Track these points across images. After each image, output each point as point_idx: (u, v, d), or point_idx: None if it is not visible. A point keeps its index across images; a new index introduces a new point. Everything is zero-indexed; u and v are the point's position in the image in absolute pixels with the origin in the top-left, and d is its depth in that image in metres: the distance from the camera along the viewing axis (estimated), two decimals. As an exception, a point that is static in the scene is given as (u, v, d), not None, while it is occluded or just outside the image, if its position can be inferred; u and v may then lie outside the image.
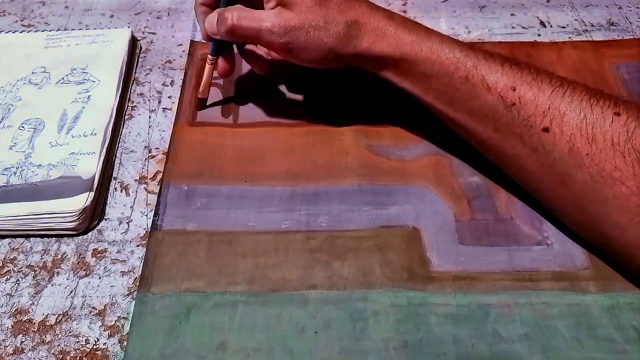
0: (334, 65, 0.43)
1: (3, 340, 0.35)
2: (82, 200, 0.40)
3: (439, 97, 0.41)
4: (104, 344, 0.35)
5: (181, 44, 0.55)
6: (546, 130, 0.36)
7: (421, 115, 0.45)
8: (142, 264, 0.39)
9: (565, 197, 0.37)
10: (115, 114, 0.47)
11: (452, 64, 0.39)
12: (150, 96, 0.50)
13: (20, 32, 0.56)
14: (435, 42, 0.40)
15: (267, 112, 0.49)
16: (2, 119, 0.46)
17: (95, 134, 0.45)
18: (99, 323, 0.36)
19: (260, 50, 0.48)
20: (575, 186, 0.36)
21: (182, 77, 0.52)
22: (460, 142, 0.43)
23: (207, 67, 0.47)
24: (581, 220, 0.37)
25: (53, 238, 0.40)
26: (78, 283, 0.38)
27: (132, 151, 0.46)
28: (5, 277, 0.38)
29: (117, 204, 0.42)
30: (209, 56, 0.47)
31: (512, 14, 0.58)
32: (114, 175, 0.44)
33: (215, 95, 0.50)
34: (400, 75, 0.42)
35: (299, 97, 0.50)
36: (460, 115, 0.40)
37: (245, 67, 0.53)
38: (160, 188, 0.43)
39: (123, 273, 0.38)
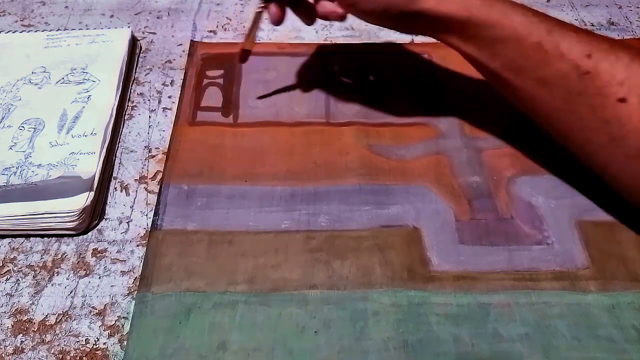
0: (394, 24, 0.41)
1: (3, 340, 0.35)
2: (82, 200, 0.40)
3: (508, 64, 0.38)
4: (104, 343, 0.35)
5: (181, 44, 0.55)
6: (623, 100, 0.35)
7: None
8: (142, 264, 0.39)
9: (636, 171, 0.36)
10: (115, 114, 0.47)
11: (525, 28, 0.37)
12: (150, 96, 0.50)
13: (20, 32, 0.56)
14: (507, 5, 0.38)
15: (267, 112, 0.49)
16: (2, 119, 0.46)
17: (95, 133, 0.45)
18: (99, 323, 0.36)
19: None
20: None
21: (182, 77, 0.52)
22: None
23: (256, 13, 0.44)
24: None
25: (53, 238, 0.40)
26: (78, 283, 0.38)
27: (132, 151, 0.46)
28: (5, 277, 0.38)
29: (117, 204, 0.42)
30: (259, 1, 0.44)
31: (512, 14, 0.58)
32: (114, 175, 0.44)
33: (215, 95, 0.50)
34: (466, 39, 0.39)
35: (300, 96, 0.50)
36: (529, 84, 0.38)
37: (245, 67, 0.53)
38: (160, 188, 0.43)
39: (123, 273, 0.38)
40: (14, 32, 0.55)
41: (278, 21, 0.45)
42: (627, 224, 0.40)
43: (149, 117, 0.49)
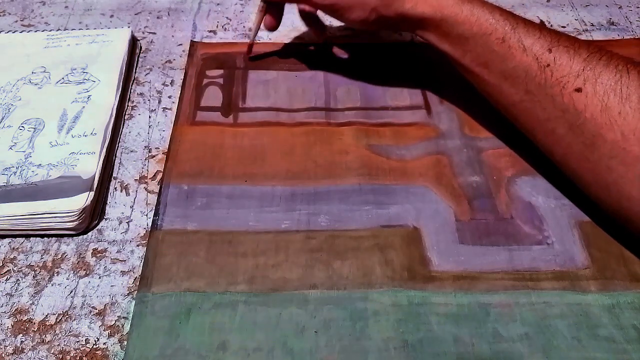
0: (377, 26, 0.45)
1: (3, 340, 0.35)
2: (82, 200, 0.40)
3: (475, 59, 0.42)
4: (104, 343, 0.35)
5: (181, 44, 0.55)
6: (578, 90, 0.37)
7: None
8: (142, 264, 0.39)
9: (593, 159, 0.37)
10: (115, 114, 0.47)
11: (490, 25, 0.40)
12: (150, 96, 0.50)
13: (20, 32, 0.56)
14: (476, 5, 0.41)
15: (267, 112, 0.49)
16: (2, 119, 0.46)
17: (95, 133, 0.45)
18: (99, 323, 0.36)
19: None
20: (605, 146, 0.36)
21: (182, 77, 0.52)
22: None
23: (258, 13, 0.51)
24: (608, 184, 0.37)
25: (53, 238, 0.40)
26: (78, 283, 0.38)
27: (132, 151, 0.46)
28: (5, 277, 0.38)
29: (117, 204, 0.42)
30: (260, 3, 0.50)
31: (512, 14, 0.58)
32: (114, 175, 0.44)
33: (215, 95, 0.50)
34: (440, 37, 0.43)
35: (300, 96, 0.50)
36: (494, 78, 0.41)
37: (245, 67, 0.53)
38: (160, 188, 0.43)
39: (123, 273, 0.38)
40: (14, 32, 0.55)
41: (271, 28, 0.51)
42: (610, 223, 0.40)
43: (149, 117, 0.49)
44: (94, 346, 0.35)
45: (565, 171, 0.40)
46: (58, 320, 0.36)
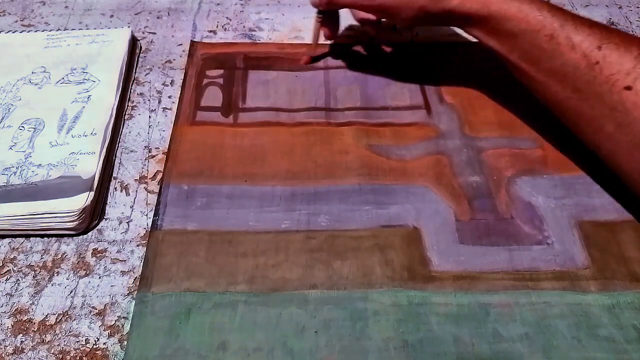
0: (426, 23, 0.46)
1: (3, 340, 0.35)
2: (82, 200, 0.40)
3: (523, 56, 0.41)
4: (104, 343, 0.35)
5: (181, 44, 0.55)
6: (628, 88, 0.37)
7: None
8: (142, 264, 0.38)
9: None
10: (115, 114, 0.47)
11: (538, 22, 0.40)
12: (150, 96, 0.50)
13: (20, 32, 0.56)
14: (524, 1, 0.41)
15: (267, 112, 0.49)
16: (2, 119, 0.46)
17: (95, 133, 0.45)
18: (99, 323, 0.36)
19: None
20: None
21: (182, 77, 0.52)
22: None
23: (315, 24, 0.51)
24: None
25: (53, 238, 0.40)
26: (78, 283, 0.38)
27: (132, 151, 0.46)
28: (5, 277, 0.38)
29: (117, 204, 0.42)
30: (316, 14, 0.50)
31: (512, 14, 0.58)
32: (114, 175, 0.44)
33: (215, 95, 0.50)
34: (487, 33, 0.43)
35: (300, 96, 0.50)
36: (542, 75, 0.41)
37: (245, 67, 0.53)
38: (160, 188, 0.43)
39: (123, 273, 0.38)
40: (14, 32, 0.55)
41: (330, 37, 0.52)
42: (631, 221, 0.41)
43: (149, 117, 0.49)
44: (94, 346, 0.35)
45: (612, 169, 0.40)
46: (58, 320, 0.36)
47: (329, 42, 0.54)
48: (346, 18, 0.53)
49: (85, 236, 0.40)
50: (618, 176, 0.40)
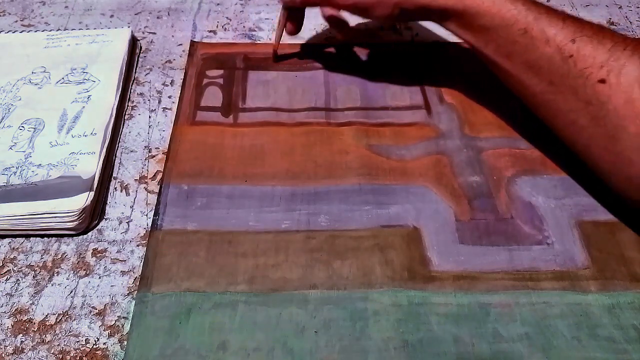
0: (401, 20, 0.46)
1: (3, 340, 0.35)
2: (82, 200, 0.40)
3: (498, 50, 0.42)
4: (104, 343, 0.35)
5: (181, 44, 0.55)
6: (602, 81, 0.36)
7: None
8: (142, 264, 0.38)
9: (615, 151, 0.37)
10: (115, 114, 0.47)
11: (512, 16, 0.40)
12: (150, 96, 0.50)
13: (20, 32, 0.56)
14: None
15: (267, 112, 0.49)
16: (2, 119, 0.46)
17: (95, 133, 0.45)
18: (99, 323, 0.36)
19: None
20: (628, 139, 0.36)
21: (182, 77, 0.52)
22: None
23: (281, 19, 0.51)
24: (630, 176, 0.37)
25: (53, 238, 0.40)
26: (78, 283, 0.38)
27: (132, 151, 0.46)
28: (5, 277, 0.38)
29: (117, 204, 0.42)
30: (282, 10, 0.50)
31: (512, 14, 0.58)
32: (114, 175, 0.44)
33: (215, 95, 0.50)
34: (462, 27, 0.43)
35: (300, 96, 0.50)
36: (517, 68, 0.41)
37: (245, 67, 0.53)
38: (160, 188, 0.43)
39: (123, 273, 0.38)
40: (14, 32, 0.55)
41: (292, 33, 0.51)
42: (628, 223, 0.41)
43: (149, 117, 0.49)
44: (94, 346, 0.35)
45: (587, 162, 0.40)
46: (58, 320, 0.36)
47: (297, 42, 0.55)
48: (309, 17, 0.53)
49: (85, 236, 0.40)
50: (592, 171, 0.40)
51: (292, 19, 0.51)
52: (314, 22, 0.57)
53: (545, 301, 0.36)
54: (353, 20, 0.57)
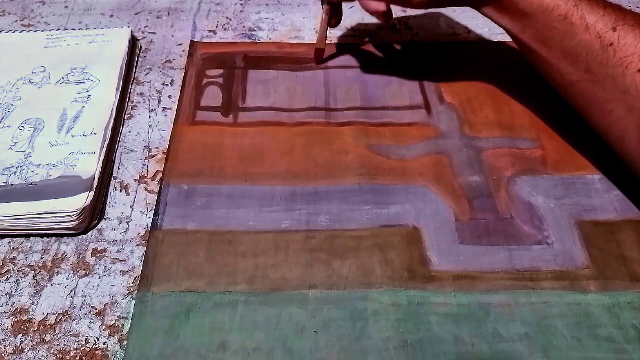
0: (440, 5, 0.46)
1: (3, 340, 0.35)
2: (82, 200, 0.40)
3: (536, 36, 0.41)
4: (104, 343, 0.35)
5: (181, 44, 0.55)
6: None
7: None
8: (142, 264, 0.38)
9: None
10: (115, 114, 0.47)
11: (552, 1, 0.39)
12: (150, 96, 0.50)
13: (20, 32, 0.56)
14: None
15: (267, 112, 0.49)
16: (2, 119, 0.46)
17: (95, 133, 0.45)
18: (99, 323, 0.36)
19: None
20: None
21: (182, 77, 0.52)
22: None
23: (323, 17, 0.50)
24: None
25: (53, 238, 0.40)
26: (78, 283, 0.38)
27: (132, 151, 0.46)
28: (5, 277, 0.38)
29: (117, 204, 0.42)
30: (325, 6, 0.50)
31: (512, 14, 0.58)
32: (114, 175, 0.44)
33: (215, 94, 0.50)
34: (500, 12, 0.42)
35: (300, 96, 0.50)
36: (554, 56, 0.40)
37: (245, 67, 0.53)
38: (160, 188, 0.43)
39: (123, 273, 0.38)
40: (14, 32, 0.55)
41: (334, 25, 0.52)
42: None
43: (149, 117, 0.49)
44: (94, 346, 0.35)
45: (620, 154, 0.40)
46: (58, 320, 0.36)
47: (333, 42, 0.54)
48: (345, 18, 0.53)
49: (85, 236, 0.40)
50: (625, 162, 0.40)
51: (335, 13, 0.51)
52: (314, 22, 0.58)
53: (545, 301, 0.36)
54: (353, 20, 0.57)
